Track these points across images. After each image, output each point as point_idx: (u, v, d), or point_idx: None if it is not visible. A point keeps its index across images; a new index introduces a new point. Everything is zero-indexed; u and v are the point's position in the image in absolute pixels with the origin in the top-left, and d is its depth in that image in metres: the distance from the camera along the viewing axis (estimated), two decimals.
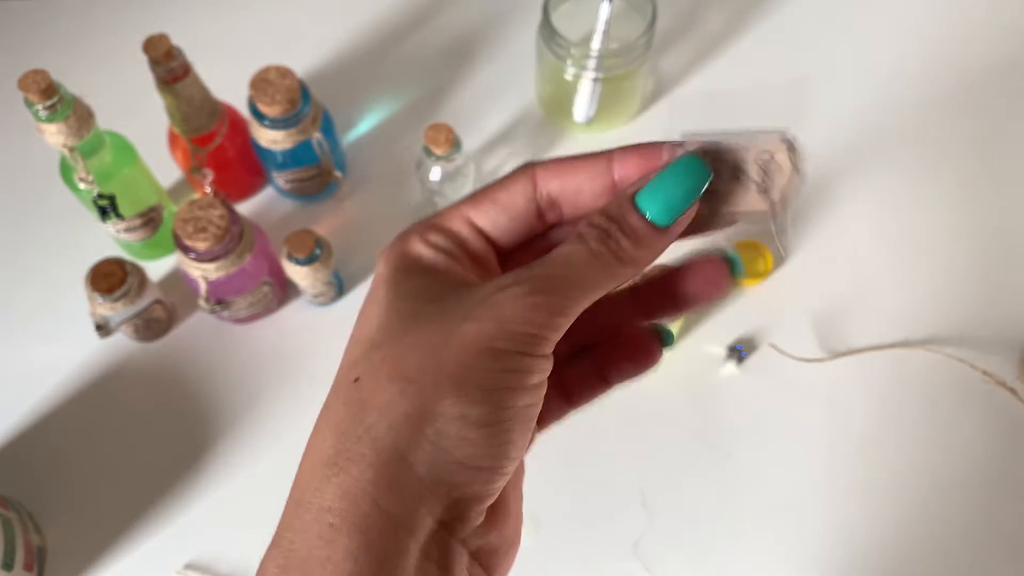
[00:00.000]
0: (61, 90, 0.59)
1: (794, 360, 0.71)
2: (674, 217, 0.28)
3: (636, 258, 0.28)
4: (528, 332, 0.26)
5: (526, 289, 0.26)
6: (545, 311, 0.26)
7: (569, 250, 0.27)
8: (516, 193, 0.30)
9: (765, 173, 0.28)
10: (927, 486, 0.68)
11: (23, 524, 0.64)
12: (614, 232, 0.28)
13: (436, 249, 0.29)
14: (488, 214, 0.30)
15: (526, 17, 0.87)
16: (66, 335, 0.73)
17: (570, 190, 0.30)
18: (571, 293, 0.27)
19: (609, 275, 0.28)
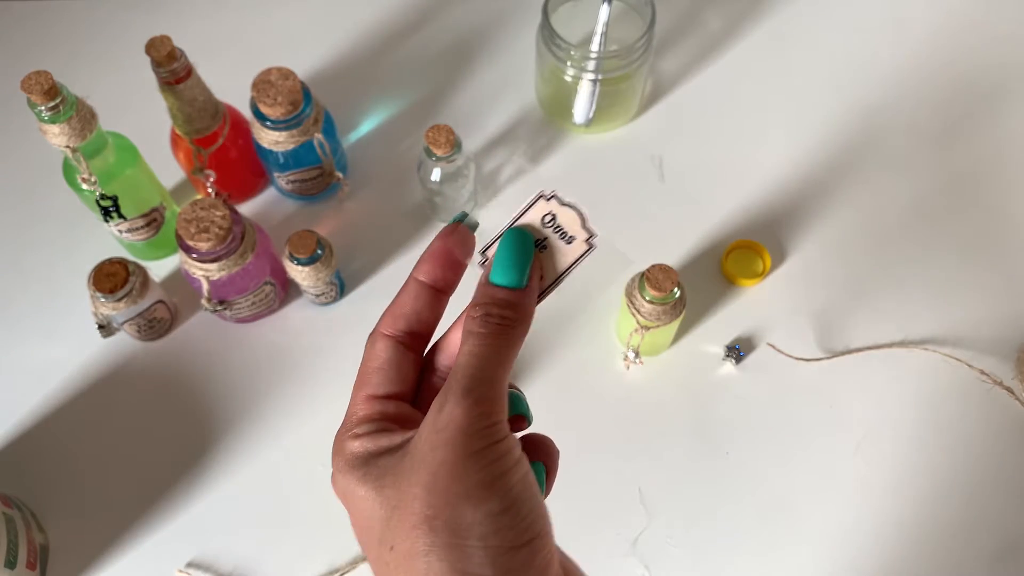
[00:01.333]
0: (64, 91, 0.60)
1: (792, 359, 0.72)
2: (523, 276, 0.34)
3: (517, 318, 0.33)
4: (484, 426, 0.30)
5: (459, 396, 0.31)
6: (485, 402, 0.31)
7: (469, 347, 0.32)
8: (382, 352, 0.35)
9: (558, 228, 0.35)
10: (925, 485, 0.68)
11: (26, 522, 0.64)
12: (491, 311, 0.33)
13: (368, 436, 0.33)
14: (378, 382, 0.35)
15: (526, 18, 0.88)
16: (69, 335, 0.74)
17: (413, 318, 0.36)
18: (492, 377, 0.32)
19: (507, 343, 0.33)
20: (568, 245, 0.35)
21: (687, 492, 0.68)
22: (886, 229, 0.78)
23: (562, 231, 0.35)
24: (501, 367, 0.32)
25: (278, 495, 0.69)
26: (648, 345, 0.68)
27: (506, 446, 0.31)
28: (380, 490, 0.32)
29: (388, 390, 0.35)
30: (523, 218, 0.35)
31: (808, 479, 0.68)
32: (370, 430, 0.34)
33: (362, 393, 0.35)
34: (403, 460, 0.31)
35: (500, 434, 0.31)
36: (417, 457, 0.31)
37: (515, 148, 0.82)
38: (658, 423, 0.70)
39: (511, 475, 0.30)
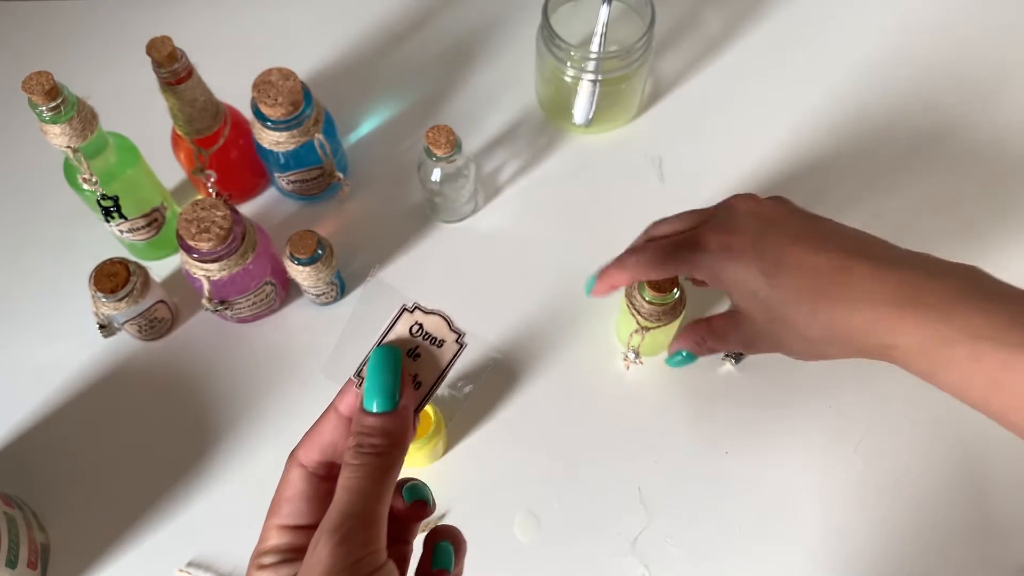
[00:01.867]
0: (65, 92, 0.60)
1: (792, 359, 0.72)
2: (392, 398, 0.35)
3: (390, 446, 0.34)
4: (349, 564, 0.31)
5: (328, 534, 0.31)
6: (353, 538, 0.31)
7: (342, 480, 0.33)
8: (295, 482, 0.36)
9: (427, 336, 0.37)
10: (924, 485, 0.68)
11: (27, 522, 0.64)
12: (362, 440, 0.33)
13: (272, 567, 0.34)
14: (289, 512, 0.35)
15: (526, 19, 0.88)
16: (70, 335, 0.74)
17: (329, 449, 0.36)
18: (363, 511, 0.32)
19: (381, 471, 0.33)
20: (440, 349, 0.37)
21: (687, 492, 0.68)
22: (886, 228, 0.78)
23: (431, 337, 0.37)
24: (375, 498, 0.33)
25: None
26: (648, 345, 0.68)
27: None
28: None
29: (298, 521, 0.35)
30: (391, 335, 0.37)
31: (808, 479, 0.68)
32: (274, 561, 0.34)
33: (273, 521, 0.36)
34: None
35: (370, 567, 0.31)
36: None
37: (515, 148, 0.82)
38: (658, 423, 0.70)
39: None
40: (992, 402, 0.43)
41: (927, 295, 0.45)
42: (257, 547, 0.35)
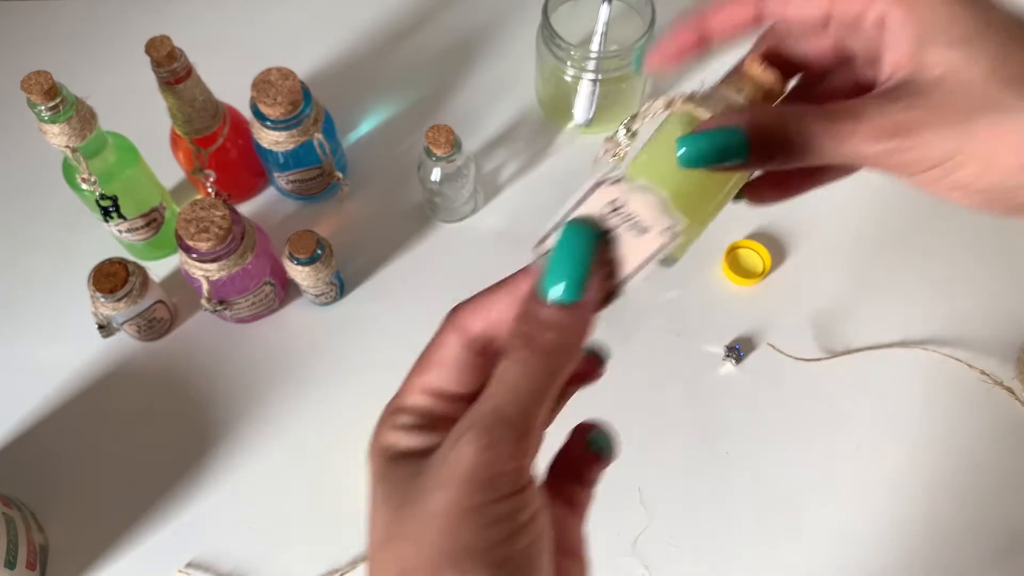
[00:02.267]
0: (64, 91, 0.60)
1: (792, 359, 0.72)
2: (577, 287, 0.28)
3: (563, 346, 0.28)
4: (493, 475, 0.26)
5: (476, 433, 0.27)
6: (501, 446, 0.26)
7: (502, 371, 0.28)
8: (449, 347, 0.30)
9: (627, 216, 0.29)
10: (925, 485, 0.68)
11: (25, 522, 0.64)
12: (532, 332, 0.28)
13: (406, 430, 0.30)
14: (437, 375, 0.30)
15: (526, 18, 0.88)
16: (69, 335, 0.74)
17: (492, 325, 0.30)
18: (520, 415, 0.27)
19: (548, 373, 0.28)
20: (640, 237, 0.29)
21: (687, 492, 0.68)
22: (886, 229, 0.78)
23: (632, 220, 0.29)
24: (536, 403, 0.27)
25: (278, 495, 0.68)
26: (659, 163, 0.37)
27: (515, 504, 0.26)
28: (386, 503, 0.28)
29: (445, 388, 0.30)
30: (584, 205, 0.29)
31: (808, 479, 0.68)
32: (411, 423, 0.30)
33: (420, 378, 0.31)
34: (414, 481, 0.28)
35: (509, 487, 0.26)
36: (423, 489, 0.27)
37: (515, 148, 0.82)
38: (658, 423, 0.70)
39: (511, 543, 0.26)
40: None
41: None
42: (394, 400, 0.31)
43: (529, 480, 0.27)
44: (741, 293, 0.75)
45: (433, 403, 0.30)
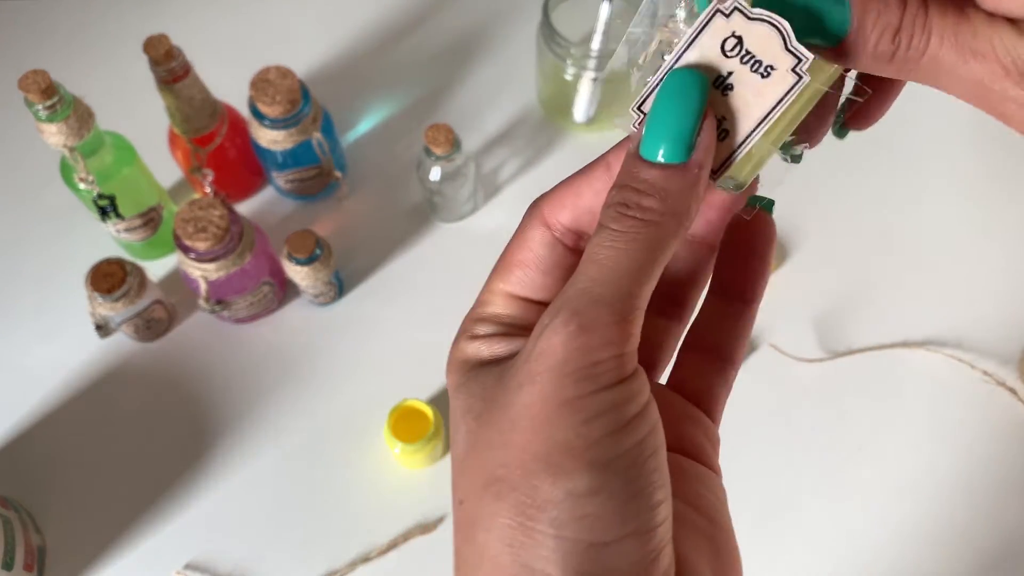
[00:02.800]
0: (61, 90, 0.59)
1: (794, 360, 0.71)
2: (686, 144, 0.24)
3: (669, 213, 0.23)
4: (588, 363, 0.22)
5: (565, 317, 0.23)
6: (596, 331, 0.23)
7: (595, 247, 0.23)
8: (534, 245, 0.27)
9: (747, 56, 0.24)
10: (926, 486, 0.68)
11: (23, 524, 0.64)
12: (630, 199, 0.23)
13: (486, 339, 0.26)
14: (520, 279, 0.27)
15: (526, 17, 0.87)
16: (66, 335, 0.73)
17: (586, 217, 0.26)
18: (618, 295, 0.23)
19: (650, 248, 0.23)
20: (764, 80, 0.24)
21: None
22: (887, 229, 0.78)
23: (754, 60, 0.24)
24: (635, 282, 0.23)
25: (277, 496, 0.68)
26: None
27: (617, 396, 0.23)
28: (468, 413, 0.25)
29: (530, 293, 0.27)
30: (692, 50, 0.24)
31: (810, 480, 0.68)
32: (492, 332, 0.26)
33: (500, 284, 0.27)
34: (497, 385, 0.24)
35: (608, 378, 0.23)
36: (508, 389, 0.23)
37: (515, 147, 0.82)
38: None
39: (615, 442, 0.22)
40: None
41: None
42: (473, 310, 0.27)
43: (634, 370, 0.23)
44: None
45: (516, 310, 0.26)
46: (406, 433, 0.65)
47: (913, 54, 0.23)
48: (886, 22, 0.23)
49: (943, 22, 0.23)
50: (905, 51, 0.23)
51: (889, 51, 0.23)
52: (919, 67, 0.23)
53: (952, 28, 0.23)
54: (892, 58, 0.23)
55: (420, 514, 0.67)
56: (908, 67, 0.24)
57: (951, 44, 0.23)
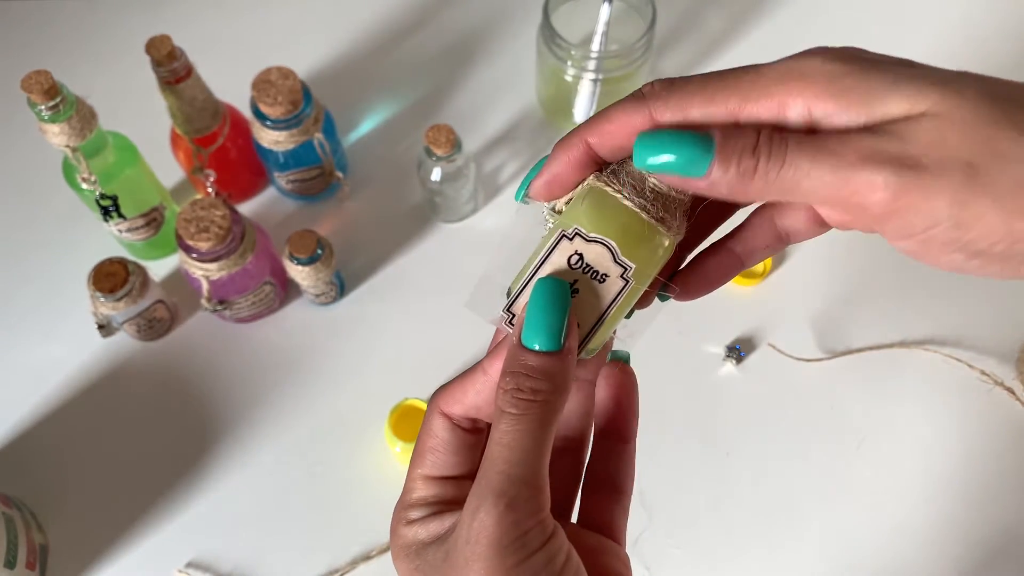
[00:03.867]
0: (64, 91, 0.59)
1: (793, 360, 0.72)
2: (558, 337, 0.29)
3: (554, 392, 0.29)
4: (519, 535, 0.27)
5: (492, 500, 0.28)
6: (520, 506, 0.28)
7: (499, 434, 0.28)
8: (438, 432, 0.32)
9: (587, 268, 0.31)
10: (926, 485, 0.68)
11: (25, 522, 0.64)
12: (521, 383, 0.29)
13: (421, 522, 0.31)
14: (433, 462, 0.32)
15: (526, 18, 0.88)
16: (68, 335, 0.74)
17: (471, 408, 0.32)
18: (527, 472, 0.28)
19: (544, 422, 0.29)
20: (601, 284, 0.30)
21: (688, 493, 0.68)
22: None
23: (593, 270, 0.30)
24: (538, 454, 0.28)
25: (278, 495, 0.68)
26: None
27: (547, 554, 0.28)
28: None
29: (444, 472, 0.32)
30: (546, 266, 0.31)
31: (809, 479, 0.68)
32: (423, 515, 0.31)
33: (418, 471, 0.32)
34: (444, 564, 0.29)
35: (537, 541, 0.28)
36: (456, 566, 0.28)
37: (515, 148, 0.82)
38: (659, 424, 0.70)
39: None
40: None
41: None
42: (402, 499, 0.32)
43: (554, 527, 0.29)
44: (742, 293, 0.75)
45: (438, 490, 0.32)
46: (406, 432, 0.65)
47: (773, 165, 0.27)
48: (744, 143, 0.27)
49: (798, 137, 0.26)
50: (766, 163, 0.27)
51: (751, 166, 0.27)
52: (780, 177, 0.27)
53: (808, 140, 0.26)
54: (754, 173, 0.27)
55: None
56: (770, 180, 0.27)
57: (808, 156, 0.26)
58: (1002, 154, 0.25)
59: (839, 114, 0.27)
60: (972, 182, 0.25)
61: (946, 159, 0.25)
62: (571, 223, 0.31)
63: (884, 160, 0.25)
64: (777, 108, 0.27)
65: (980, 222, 0.25)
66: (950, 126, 0.25)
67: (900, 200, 0.25)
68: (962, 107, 0.25)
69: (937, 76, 0.26)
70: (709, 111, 0.28)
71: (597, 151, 0.30)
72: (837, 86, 0.26)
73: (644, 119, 0.29)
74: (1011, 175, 0.25)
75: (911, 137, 0.25)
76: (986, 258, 0.26)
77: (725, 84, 0.28)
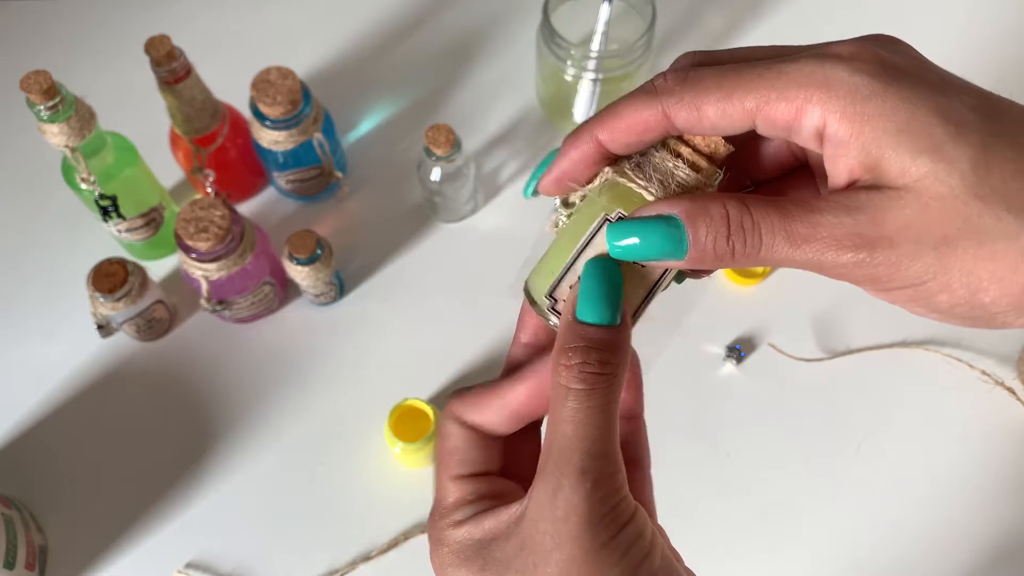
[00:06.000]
0: (63, 91, 0.59)
1: (793, 360, 0.72)
2: (618, 308, 0.29)
3: (619, 362, 0.28)
4: (609, 509, 0.27)
5: (575, 479, 0.27)
6: (606, 481, 0.27)
7: (570, 411, 0.28)
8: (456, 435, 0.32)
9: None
10: (926, 485, 0.68)
11: (25, 523, 0.64)
12: (588, 358, 0.28)
13: (471, 521, 0.30)
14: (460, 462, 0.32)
15: (526, 17, 0.88)
16: (68, 335, 0.74)
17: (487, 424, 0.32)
18: (606, 448, 0.28)
19: (612, 397, 0.28)
20: (643, 268, 0.30)
21: (687, 493, 0.68)
22: None
23: None
24: (611, 428, 0.28)
25: (277, 496, 0.68)
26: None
27: (637, 527, 0.28)
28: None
29: (473, 470, 0.32)
30: (590, 249, 0.30)
31: (809, 480, 0.68)
32: (470, 514, 0.30)
33: (447, 474, 0.32)
34: (521, 554, 0.28)
35: (627, 513, 0.28)
36: (539, 552, 0.28)
37: (515, 148, 0.82)
38: (659, 424, 0.70)
39: (649, 563, 0.28)
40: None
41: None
42: (438, 507, 0.32)
43: (634, 505, 0.28)
44: (742, 293, 0.75)
45: (473, 487, 0.31)
46: (406, 432, 0.65)
47: (751, 251, 0.28)
48: (716, 231, 0.27)
49: (768, 221, 0.27)
50: (743, 249, 0.28)
51: (727, 252, 0.28)
52: (760, 259, 0.28)
53: (780, 224, 0.27)
54: (734, 257, 0.28)
55: (420, 513, 0.67)
56: (751, 260, 0.28)
57: (783, 238, 0.27)
58: (982, 231, 0.25)
59: (846, 143, 0.27)
60: (945, 256, 0.26)
61: (921, 238, 0.26)
62: (614, 207, 0.30)
63: (859, 244, 0.26)
64: (794, 114, 0.27)
65: (946, 291, 0.27)
66: (932, 203, 0.26)
67: (873, 274, 0.27)
68: (949, 181, 0.25)
69: (940, 136, 0.26)
70: (725, 110, 0.28)
71: (607, 147, 0.30)
72: (857, 111, 0.26)
73: (656, 116, 0.29)
74: (985, 249, 0.25)
75: (890, 217, 0.26)
76: (947, 315, 0.28)
77: (743, 81, 0.27)
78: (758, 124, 0.28)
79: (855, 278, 0.28)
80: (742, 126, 0.28)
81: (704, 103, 0.28)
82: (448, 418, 0.32)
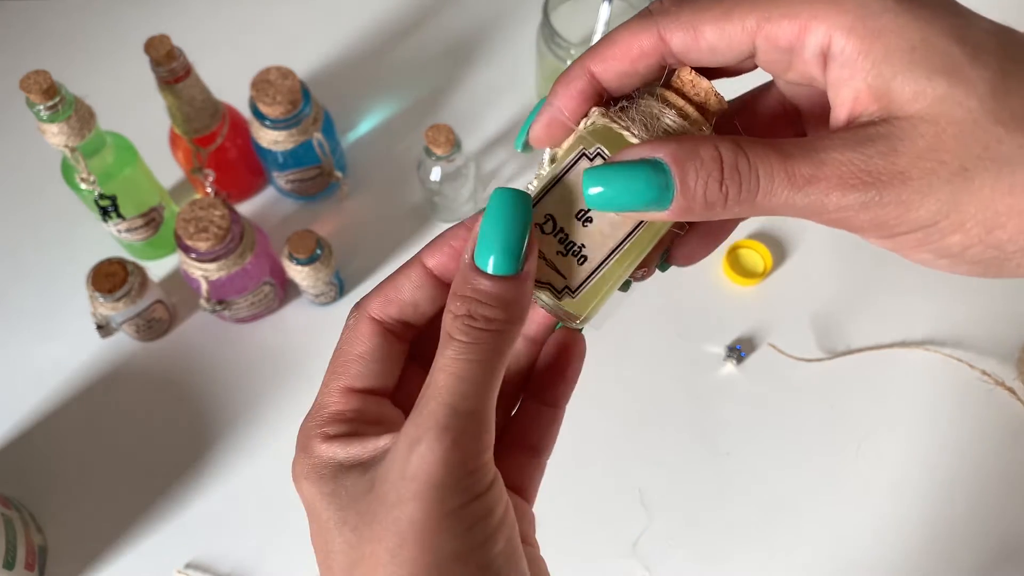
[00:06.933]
0: (63, 91, 0.59)
1: (793, 360, 0.72)
2: (517, 256, 0.26)
3: (509, 321, 0.26)
4: (463, 474, 0.25)
5: (436, 433, 0.24)
6: (467, 443, 0.25)
7: (447, 361, 0.25)
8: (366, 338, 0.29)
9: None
10: (926, 485, 0.68)
11: (24, 523, 0.64)
12: (474, 309, 0.25)
13: (340, 440, 0.27)
14: (359, 372, 0.29)
15: (526, 17, 0.88)
16: (67, 335, 0.74)
17: (409, 309, 0.29)
18: (476, 405, 0.25)
19: (497, 353, 0.26)
20: (617, 215, 0.27)
21: (688, 493, 0.68)
22: None
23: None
24: (487, 387, 0.25)
25: (276, 495, 0.68)
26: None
27: (489, 502, 0.25)
28: (343, 525, 0.26)
29: (368, 384, 0.29)
30: (559, 184, 0.27)
31: (809, 479, 0.68)
32: (342, 431, 0.28)
33: (338, 383, 0.29)
34: (368, 496, 0.26)
35: (482, 485, 0.25)
36: (384, 502, 0.25)
37: (514, 148, 0.82)
38: (659, 424, 0.70)
39: (492, 544, 0.25)
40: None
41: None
42: (315, 413, 0.29)
43: (495, 472, 0.26)
44: (742, 293, 0.75)
45: (359, 404, 0.28)
46: None
47: (746, 196, 0.25)
48: (707, 175, 0.24)
49: (767, 162, 0.24)
50: (738, 195, 0.25)
51: (720, 199, 0.25)
52: (755, 206, 0.25)
53: (780, 165, 0.24)
54: (726, 204, 0.25)
55: None
56: (745, 208, 0.25)
57: (783, 180, 0.24)
58: (1002, 159, 0.23)
59: (853, 62, 0.24)
60: (961, 190, 0.24)
61: (936, 170, 0.24)
62: (593, 143, 0.27)
63: (867, 182, 0.24)
64: (798, 31, 0.25)
65: (959, 230, 0.24)
66: (949, 129, 0.23)
67: (880, 216, 0.24)
68: (968, 103, 0.23)
69: (958, 56, 0.24)
70: (724, 29, 0.25)
71: (602, 80, 0.28)
72: (868, 26, 0.24)
73: (652, 39, 0.26)
74: (1005, 180, 0.23)
75: (902, 147, 0.24)
76: (956, 260, 0.25)
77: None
78: (758, 45, 0.26)
79: (859, 223, 0.25)
80: (741, 49, 0.26)
81: (702, 22, 0.26)
82: (360, 319, 0.29)
